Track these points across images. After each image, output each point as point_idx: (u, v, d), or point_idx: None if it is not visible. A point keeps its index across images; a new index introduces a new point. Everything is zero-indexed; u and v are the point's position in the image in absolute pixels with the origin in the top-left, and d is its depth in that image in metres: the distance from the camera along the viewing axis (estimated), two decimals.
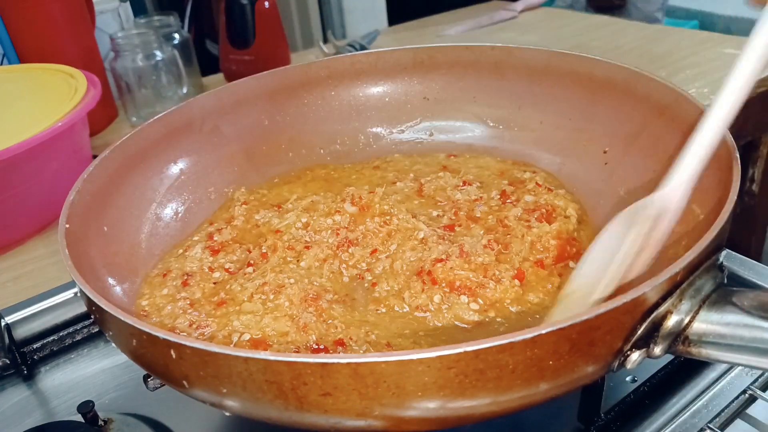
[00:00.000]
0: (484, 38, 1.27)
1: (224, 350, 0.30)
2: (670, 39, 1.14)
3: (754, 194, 1.04)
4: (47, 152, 0.69)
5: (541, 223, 0.52)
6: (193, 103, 0.63)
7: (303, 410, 0.31)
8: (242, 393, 0.32)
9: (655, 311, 0.32)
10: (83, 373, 0.55)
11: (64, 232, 0.43)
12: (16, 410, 0.52)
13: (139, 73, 0.99)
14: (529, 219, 0.53)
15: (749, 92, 0.41)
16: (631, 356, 0.32)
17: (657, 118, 0.54)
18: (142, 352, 0.35)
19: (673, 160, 0.52)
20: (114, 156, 0.54)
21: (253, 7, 1.06)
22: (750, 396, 0.45)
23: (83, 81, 0.78)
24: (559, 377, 0.31)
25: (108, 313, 0.35)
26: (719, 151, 0.44)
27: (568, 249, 0.51)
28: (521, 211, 0.53)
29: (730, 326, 0.32)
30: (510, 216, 0.53)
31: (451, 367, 0.29)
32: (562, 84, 0.64)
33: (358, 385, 0.29)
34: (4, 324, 0.56)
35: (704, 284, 0.33)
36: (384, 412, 0.31)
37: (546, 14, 1.42)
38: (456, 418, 0.33)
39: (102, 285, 0.47)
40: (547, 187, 0.57)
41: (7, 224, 0.71)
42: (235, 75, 1.08)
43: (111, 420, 0.47)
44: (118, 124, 1.05)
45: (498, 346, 0.28)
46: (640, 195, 0.54)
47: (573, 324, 0.29)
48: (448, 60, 0.69)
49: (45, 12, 0.92)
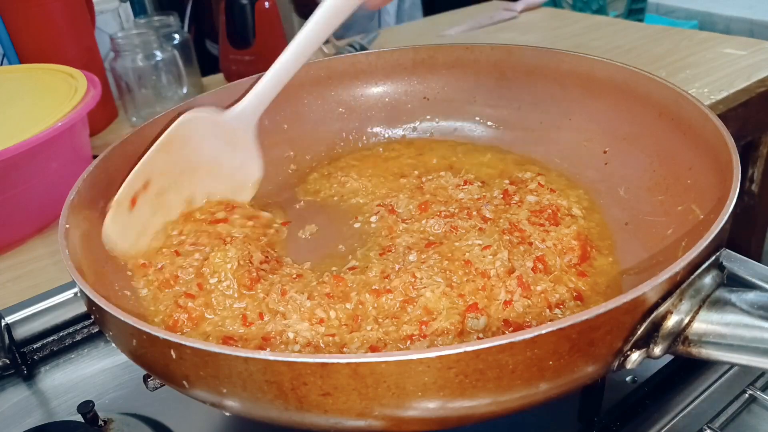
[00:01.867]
0: (484, 38, 1.27)
1: (224, 350, 0.30)
2: (670, 39, 1.14)
3: (754, 194, 1.04)
4: (47, 152, 0.69)
5: (553, 225, 0.52)
6: (193, 104, 0.63)
7: (303, 410, 0.31)
8: (242, 393, 0.32)
9: (655, 311, 0.32)
10: (83, 373, 0.55)
11: (64, 232, 0.43)
12: (16, 410, 0.52)
13: (139, 73, 0.99)
14: (542, 223, 0.52)
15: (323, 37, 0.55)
16: (631, 356, 0.32)
17: (656, 117, 0.54)
18: (142, 352, 0.35)
19: (672, 159, 0.52)
20: (113, 156, 0.54)
21: (253, 7, 1.06)
22: (750, 396, 0.45)
23: (83, 81, 0.78)
24: (559, 377, 0.31)
25: (108, 313, 0.35)
26: (719, 151, 0.44)
27: (587, 249, 0.50)
28: (528, 213, 0.53)
29: (730, 326, 0.32)
30: (522, 220, 0.52)
31: (451, 367, 0.29)
32: (562, 84, 0.64)
33: (358, 385, 0.29)
34: (4, 324, 0.55)
35: (704, 284, 0.33)
36: (384, 412, 0.31)
37: (546, 14, 1.42)
38: (456, 418, 0.33)
39: (102, 285, 0.46)
40: (549, 188, 0.57)
41: (7, 224, 0.71)
42: (235, 75, 1.08)
43: (111, 420, 0.47)
44: (118, 124, 1.05)
45: (498, 346, 0.29)
46: (641, 195, 0.54)
47: (573, 324, 0.29)
48: (448, 60, 0.69)
49: (45, 12, 0.92)
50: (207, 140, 0.56)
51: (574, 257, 0.49)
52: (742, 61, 1.00)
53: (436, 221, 0.53)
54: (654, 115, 0.55)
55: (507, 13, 1.39)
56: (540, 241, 0.50)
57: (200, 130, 0.55)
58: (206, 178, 0.57)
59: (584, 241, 0.50)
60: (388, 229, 0.55)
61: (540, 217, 0.53)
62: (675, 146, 0.52)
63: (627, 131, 0.58)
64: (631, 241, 0.51)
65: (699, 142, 0.49)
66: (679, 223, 0.48)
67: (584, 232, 0.52)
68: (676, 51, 1.08)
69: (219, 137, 0.56)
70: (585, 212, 0.55)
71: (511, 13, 1.39)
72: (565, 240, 0.50)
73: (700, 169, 0.48)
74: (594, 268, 0.49)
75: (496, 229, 0.51)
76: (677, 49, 1.09)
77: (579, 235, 0.51)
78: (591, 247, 0.51)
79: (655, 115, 0.55)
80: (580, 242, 0.50)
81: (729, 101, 0.89)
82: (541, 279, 0.46)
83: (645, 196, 0.54)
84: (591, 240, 0.52)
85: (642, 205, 0.54)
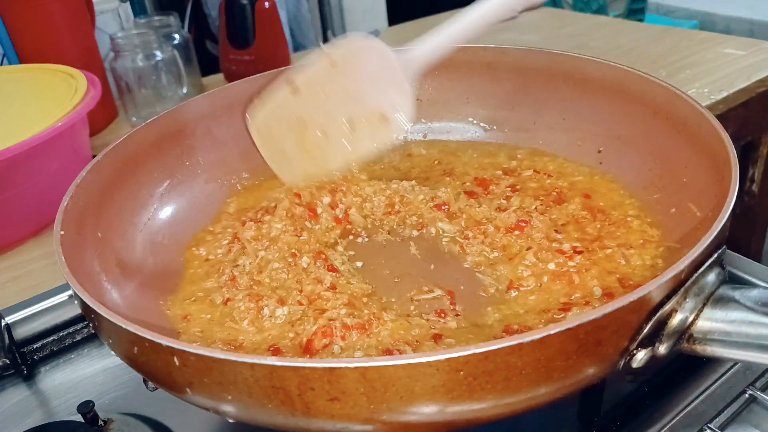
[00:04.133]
0: (483, 39, 1.27)
1: (229, 356, 0.30)
2: (670, 39, 1.14)
3: (754, 194, 1.04)
4: (47, 152, 0.69)
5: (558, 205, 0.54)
6: (187, 107, 0.63)
7: (310, 416, 0.31)
8: (248, 399, 0.31)
9: (660, 310, 0.32)
10: (83, 373, 0.55)
11: (59, 239, 0.43)
12: (16, 410, 0.51)
13: (139, 73, 0.99)
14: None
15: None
16: (637, 355, 0.32)
17: (651, 117, 0.55)
18: (143, 359, 0.35)
19: (667, 158, 0.53)
20: (107, 160, 0.54)
21: (253, 7, 1.06)
22: (750, 396, 0.45)
23: (83, 81, 0.78)
24: (567, 377, 0.31)
25: (108, 320, 0.34)
26: (715, 149, 0.44)
27: (599, 215, 0.52)
28: (538, 203, 0.54)
29: (735, 323, 0.32)
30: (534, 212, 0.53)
31: (460, 370, 0.29)
32: (556, 84, 0.64)
33: (367, 390, 0.29)
34: (4, 324, 0.55)
35: (707, 282, 0.33)
36: (392, 416, 0.31)
37: (546, 14, 1.42)
38: (464, 421, 0.32)
39: (100, 291, 0.46)
40: (545, 173, 0.58)
41: (7, 224, 0.70)
42: (235, 75, 1.08)
43: (111, 420, 0.47)
44: (118, 124, 1.05)
45: (507, 347, 0.28)
46: (636, 193, 0.54)
47: (581, 324, 0.29)
48: (441, 61, 0.69)
49: (45, 12, 0.92)
50: (374, 69, 0.53)
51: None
52: (742, 61, 1.00)
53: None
54: (648, 114, 0.55)
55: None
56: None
57: (374, 58, 0.53)
58: (356, 107, 0.54)
59: (595, 209, 0.53)
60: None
61: (548, 200, 0.54)
62: (670, 145, 0.52)
63: (621, 130, 0.58)
64: None
65: (694, 141, 0.49)
66: (676, 222, 0.48)
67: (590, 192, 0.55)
68: (676, 51, 1.08)
69: (383, 73, 0.53)
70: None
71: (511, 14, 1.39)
72: (578, 213, 0.52)
73: (696, 168, 0.48)
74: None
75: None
76: (677, 49, 1.09)
77: (585, 206, 0.53)
78: (602, 212, 0.53)
79: (650, 114, 0.55)
80: (590, 212, 0.52)
81: (729, 101, 0.89)
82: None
83: (641, 195, 0.54)
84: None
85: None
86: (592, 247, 0.49)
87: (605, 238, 0.50)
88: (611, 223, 0.51)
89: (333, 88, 0.52)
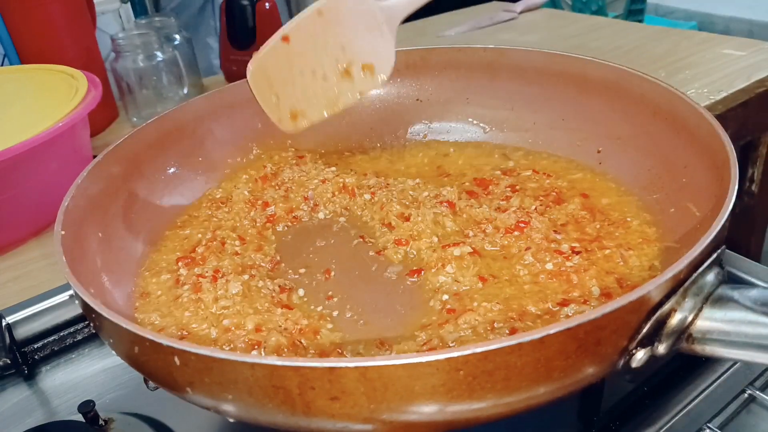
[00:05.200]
0: (483, 39, 1.27)
1: (231, 356, 0.30)
2: (670, 39, 1.14)
3: (754, 194, 1.04)
4: (48, 153, 0.69)
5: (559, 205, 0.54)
6: (187, 107, 0.63)
7: (310, 415, 0.31)
8: (248, 399, 0.32)
9: (659, 309, 0.32)
10: (84, 372, 0.55)
11: (60, 239, 0.43)
12: (16, 410, 0.52)
13: (140, 73, 0.99)
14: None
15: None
16: (636, 355, 0.32)
17: (650, 117, 0.55)
18: (144, 359, 0.35)
19: (667, 158, 0.53)
20: (108, 161, 0.54)
21: (253, 8, 1.06)
22: (749, 396, 0.45)
23: (84, 81, 0.78)
24: (567, 377, 0.31)
25: (109, 320, 0.34)
26: (714, 149, 0.45)
27: (598, 215, 0.53)
28: (538, 203, 0.54)
29: (734, 323, 0.32)
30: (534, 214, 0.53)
31: (460, 369, 0.29)
32: (555, 84, 0.64)
33: (367, 389, 0.29)
34: (4, 324, 0.55)
35: (707, 282, 0.33)
36: (392, 416, 0.31)
37: (546, 15, 1.42)
38: (464, 420, 0.32)
39: (101, 291, 0.46)
40: (544, 173, 0.58)
41: (7, 224, 0.70)
42: (235, 75, 1.08)
43: (112, 420, 0.47)
44: (119, 124, 1.05)
45: (507, 347, 0.29)
46: (635, 193, 0.55)
47: (580, 324, 0.29)
48: (440, 62, 0.69)
49: (46, 13, 0.92)
50: (356, 18, 0.56)
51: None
52: (741, 62, 1.00)
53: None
54: (648, 114, 0.55)
55: (506, 14, 1.39)
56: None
57: (356, 8, 0.56)
58: (340, 53, 0.57)
59: (595, 209, 0.53)
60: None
61: (547, 200, 0.55)
62: (669, 145, 0.52)
63: (621, 131, 0.58)
64: None
65: (693, 141, 0.49)
66: (675, 222, 0.49)
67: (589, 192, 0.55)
68: (675, 51, 1.08)
69: (365, 22, 0.56)
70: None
71: (511, 14, 1.39)
72: (577, 212, 0.52)
73: (696, 168, 0.48)
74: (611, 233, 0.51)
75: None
76: (676, 50, 1.09)
77: (584, 206, 0.53)
78: (601, 212, 0.53)
79: (649, 114, 0.55)
80: (589, 212, 0.52)
81: (728, 101, 0.90)
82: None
83: (640, 195, 0.54)
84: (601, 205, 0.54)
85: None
86: (591, 248, 0.49)
87: (604, 238, 0.50)
88: (610, 223, 0.51)
89: (319, 36, 0.56)
